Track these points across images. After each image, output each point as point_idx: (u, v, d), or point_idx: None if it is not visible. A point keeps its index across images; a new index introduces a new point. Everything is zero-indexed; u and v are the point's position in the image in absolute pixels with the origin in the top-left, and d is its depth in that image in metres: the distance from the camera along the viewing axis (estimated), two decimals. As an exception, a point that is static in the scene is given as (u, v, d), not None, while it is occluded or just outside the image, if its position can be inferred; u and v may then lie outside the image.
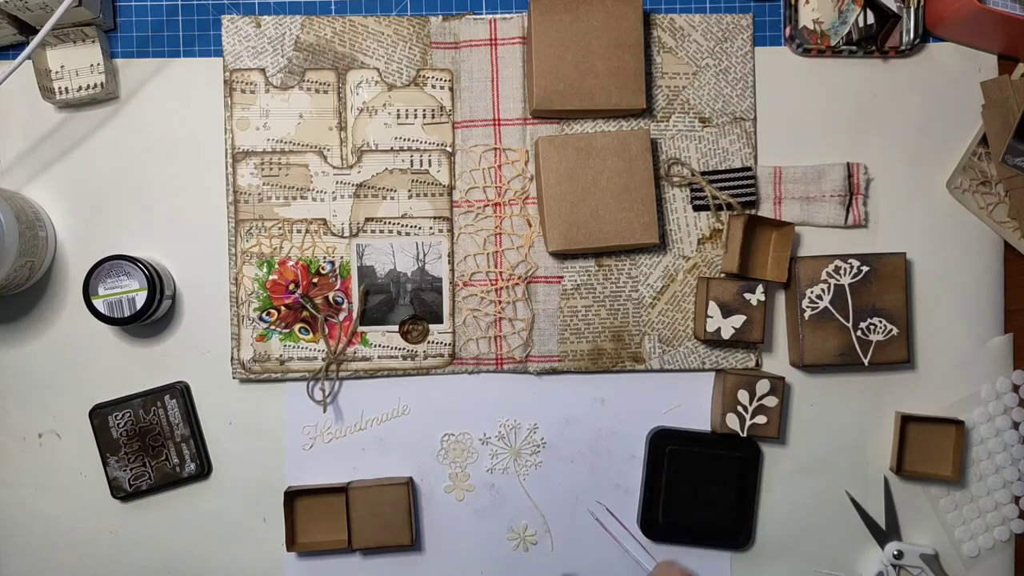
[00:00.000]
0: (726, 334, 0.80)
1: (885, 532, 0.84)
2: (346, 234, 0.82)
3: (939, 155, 0.85)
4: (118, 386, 0.82)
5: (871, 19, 0.83)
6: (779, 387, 0.80)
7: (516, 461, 0.84)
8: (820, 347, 0.80)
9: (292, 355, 0.82)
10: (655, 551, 0.84)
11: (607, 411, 0.84)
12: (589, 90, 0.79)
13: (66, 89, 0.80)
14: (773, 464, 0.84)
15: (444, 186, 0.83)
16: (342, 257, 0.82)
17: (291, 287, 0.82)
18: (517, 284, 0.83)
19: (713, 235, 0.84)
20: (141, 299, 0.77)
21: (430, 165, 0.83)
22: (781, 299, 0.84)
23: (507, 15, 0.83)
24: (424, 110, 0.83)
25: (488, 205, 0.83)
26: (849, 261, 0.80)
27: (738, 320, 0.80)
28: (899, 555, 0.83)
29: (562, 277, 0.83)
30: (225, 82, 0.82)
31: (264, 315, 0.82)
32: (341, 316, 0.82)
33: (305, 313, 0.82)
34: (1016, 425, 0.84)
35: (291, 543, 0.81)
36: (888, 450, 0.84)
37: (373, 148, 0.82)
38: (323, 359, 0.82)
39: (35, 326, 0.82)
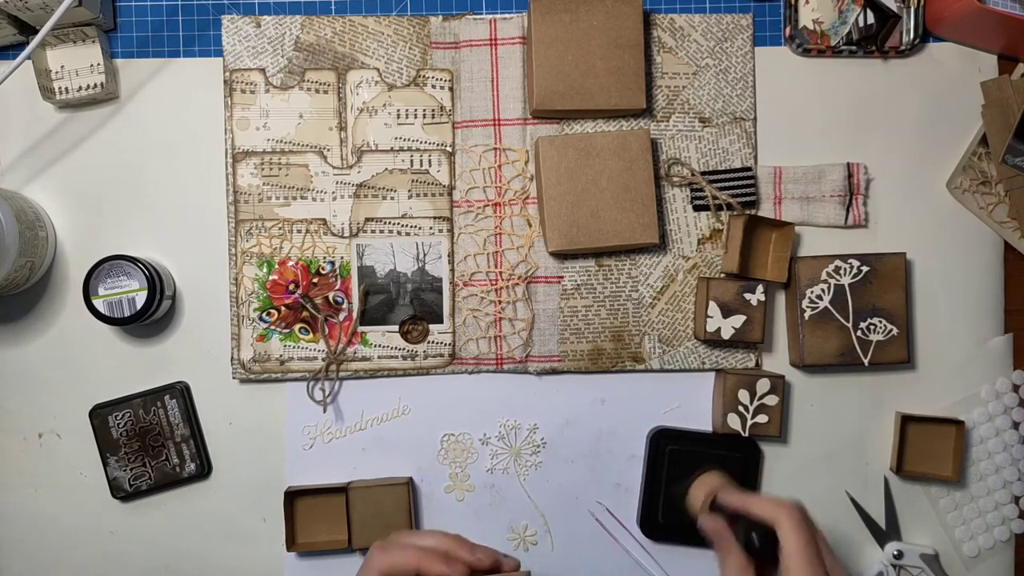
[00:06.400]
0: (726, 334, 0.80)
1: (885, 532, 0.84)
2: (346, 234, 0.82)
3: (939, 155, 0.84)
4: (118, 386, 0.82)
5: (871, 19, 0.83)
6: (779, 385, 0.80)
7: (516, 461, 0.84)
8: (820, 347, 0.80)
9: (292, 355, 0.82)
10: (655, 551, 0.84)
11: (607, 411, 0.84)
12: (589, 90, 0.79)
13: (66, 89, 0.80)
14: (773, 464, 0.84)
15: (444, 186, 0.83)
16: (342, 257, 0.82)
17: (291, 287, 0.82)
18: (517, 284, 0.83)
19: (713, 235, 0.84)
20: (141, 299, 0.77)
21: (430, 165, 0.83)
22: (781, 299, 0.84)
23: (507, 15, 0.83)
24: (424, 110, 0.83)
25: (488, 205, 0.83)
26: (849, 261, 0.80)
27: (738, 320, 0.80)
28: (899, 555, 0.83)
29: (562, 277, 0.83)
30: (225, 82, 0.82)
31: (264, 315, 0.82)
32: (341, 316, 0.82)
33: (305, 313, 0.82)
34: (1016, 425, 0.84)
35: (291, 543, 0.81)
36: (888, 450, 0.84)
37: (373, 148, 0.82)
38: (323, 359, 0.82)
39: (35, 326, 0.82)
